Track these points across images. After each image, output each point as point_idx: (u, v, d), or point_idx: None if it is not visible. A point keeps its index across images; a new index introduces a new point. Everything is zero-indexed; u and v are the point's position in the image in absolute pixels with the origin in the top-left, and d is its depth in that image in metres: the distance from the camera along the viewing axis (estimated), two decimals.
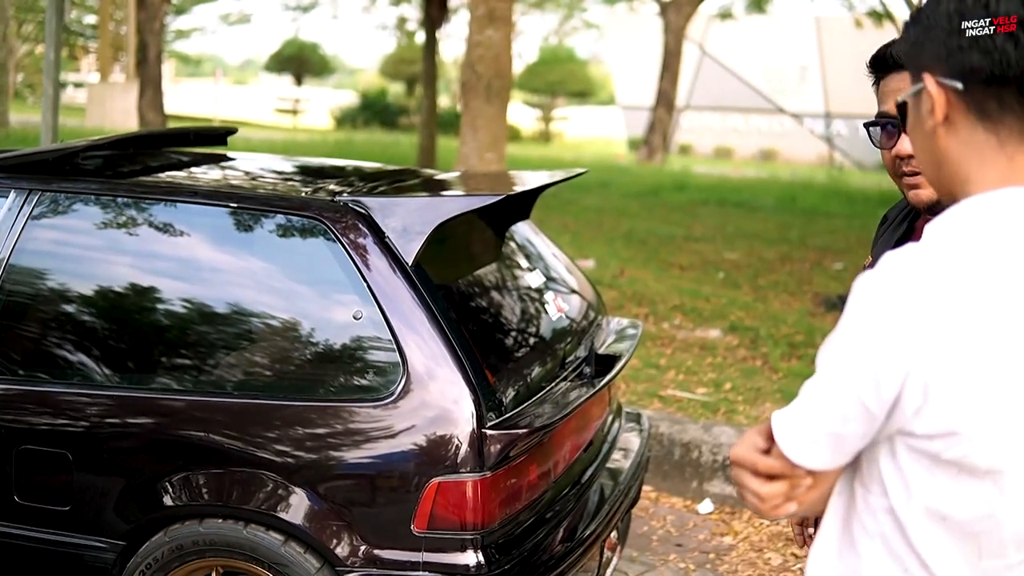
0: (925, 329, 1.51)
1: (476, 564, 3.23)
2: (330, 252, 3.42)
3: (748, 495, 1.70)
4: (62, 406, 3.54)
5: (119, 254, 3.65)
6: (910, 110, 1.76)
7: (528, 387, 3.54)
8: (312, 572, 3.27)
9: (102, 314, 3.60)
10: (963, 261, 1.54)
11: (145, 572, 3.42)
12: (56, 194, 3.74)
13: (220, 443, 3.36)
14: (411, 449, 3.24)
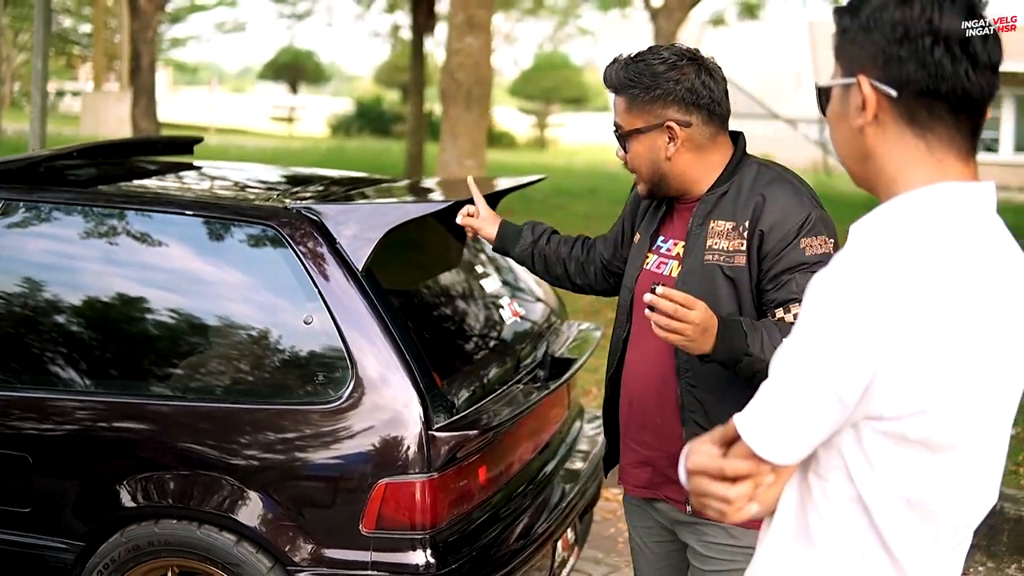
0: (891, 319, 1.58)
1: (425, 564, 3.30)
2: (282, 258, 3.50)
3: (713, 502, 1.72)
4: (22, 410, 3.61)
5: (75, 261, 3.74)
6: (835, 99, 1.80)
7: (479, 390, 3.61)
8: (264, 572, 3.34)
9: (58, 320, 3.67)
10: (915, 254, 1.63)
11: (103, 572, 3.50)
12: (14, 202, 3.82)
13: (174, 446, 3.44)
14: (359, 451, 3.32)
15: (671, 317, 2.55)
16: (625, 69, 2.92)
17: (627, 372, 3.11)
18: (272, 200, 3.81)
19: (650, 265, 3.06)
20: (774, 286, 2.80)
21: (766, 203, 2.82)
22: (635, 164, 2.99)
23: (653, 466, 3.06)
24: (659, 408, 2.99)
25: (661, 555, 3.22)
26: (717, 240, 2.87)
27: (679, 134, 2.90)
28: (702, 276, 2.87)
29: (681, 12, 24.67)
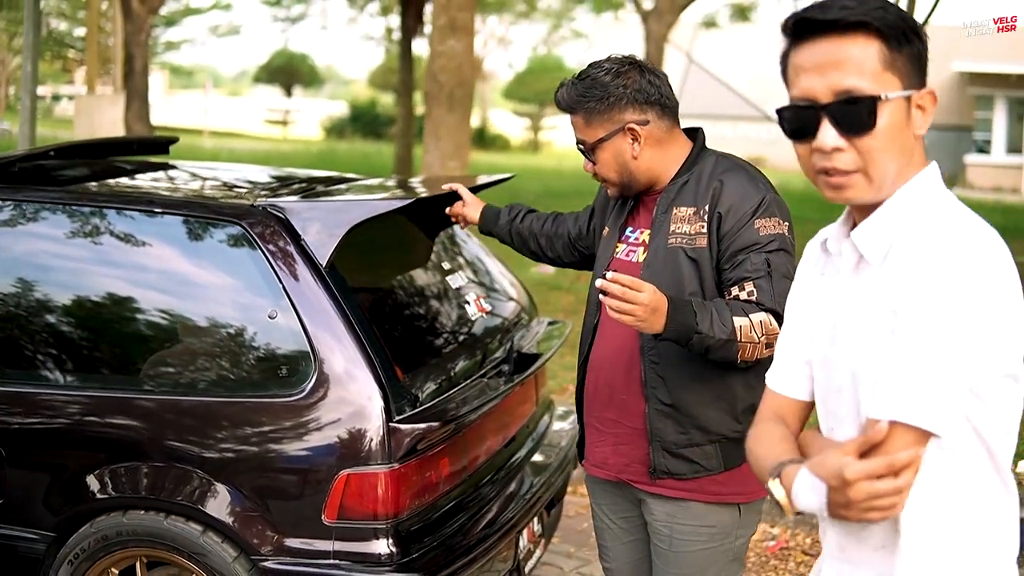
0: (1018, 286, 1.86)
1: (387, 553, 3.37)
2: (247, 254, 3.58)
3: (884, 500, 1.79)
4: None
5: (47, 259, 3.81)
6: (895, 110, 1.93)
7: (442, 383, 3.69)
8: (228, 561, 3.42)
9: (29, 316, 3.74)
10: (989, 232, 1.90)
11: (73, 562, 3.58)
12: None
13: (141, 438, 3.52)
14: (321, 443, 3.39)
15: (621, 299, 2.73)
16: (575, 87, 3.14)
17: (595, 356, 3.27)
18: (239, 198, 3.89)
19: (619, 254, 3.26)
20: (730, 265, 3.00)
21: (723, 187, 3.04)
22: (604, 171, 3.19)
23: (615, 444, 3.23)
24: (626, 385, 3.16)
25: (628, 530, 3.37)
26: (680, 225, 3.08)
27: (640, 133, 3.11)
28: (665, 259, 3.08)
29: (672, 15, 24.76)
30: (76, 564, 3.58)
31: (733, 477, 3.13)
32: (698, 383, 3.08)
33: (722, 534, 3.17)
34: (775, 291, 2.94)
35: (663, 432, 3.11)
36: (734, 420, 3.10)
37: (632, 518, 3.35)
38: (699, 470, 3.11)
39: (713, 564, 3.19)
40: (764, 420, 2.22)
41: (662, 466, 3.12)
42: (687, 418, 3.09)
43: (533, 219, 3.75)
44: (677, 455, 3.11)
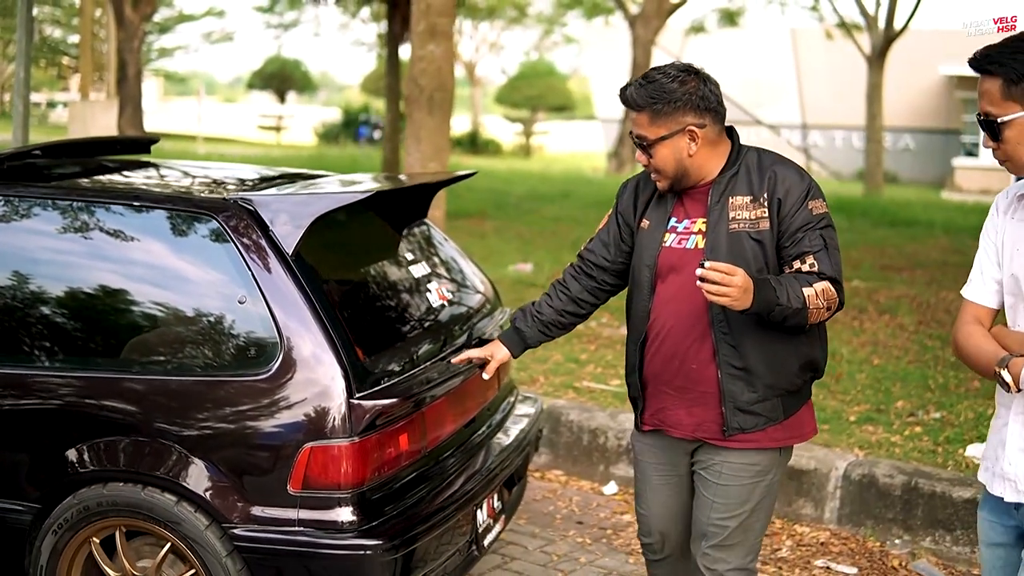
0: None
1: (348, 520, 3.63)
2: (219, 244, 3.84)
3: None
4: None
5: (34, 249, 4.07)
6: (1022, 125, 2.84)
7: (401, 365, 3.95)
8: (201, 529, 3.68)
9: (15, 302, 4.00)
10: None
11: (57, 531, 3.84)
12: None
13: (120, 415, 3.78)
14: (287, 418, 3.66)
15: (720, 284, 3.19)
16: (644, 89, 3.53)
17: (657, 335, 3.66)
18: (213, 193, 4.15)
19: (669, 243, 3.65)
20: (791, 243, 3.48)
21: (777, 177, 3.53)
22: (661, 165, 3.58)
23: (688, 407, 3.65)
24: (696, 356, 3.58)
25: (666, 490, 3.84)
26: (739, 212, 3.52)
27: (698, 134, 3.53)
28: (729, 242, 3.51)
29: (659, 19, 25.00)
30: (60, 534, 3.84)
31: (787, 425, 3.64)
32: (763, 348, 3.52)
33: (764, 471, 3.66)
34: (831, 262, 3.49)
35: (735, 393, 3.55)
36: (794, 376, 3.59)
37: (674, 471, 3.81)
38: (766, 422, 3.59)
39: (753, 497, 3.66)
40: (967, 323, 3.06)
41: (735, 423, 3.58)
42: (756, 378, 3.54)
43: (545, 304, 3.93)
44: (748, 411, 3.56)
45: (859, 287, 10.91)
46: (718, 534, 3.67)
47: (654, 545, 3.94)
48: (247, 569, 3.69)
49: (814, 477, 5.69)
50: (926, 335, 8.75)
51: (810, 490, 5.69)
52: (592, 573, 5.15)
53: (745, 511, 3.66)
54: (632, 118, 3.60)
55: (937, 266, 12.47)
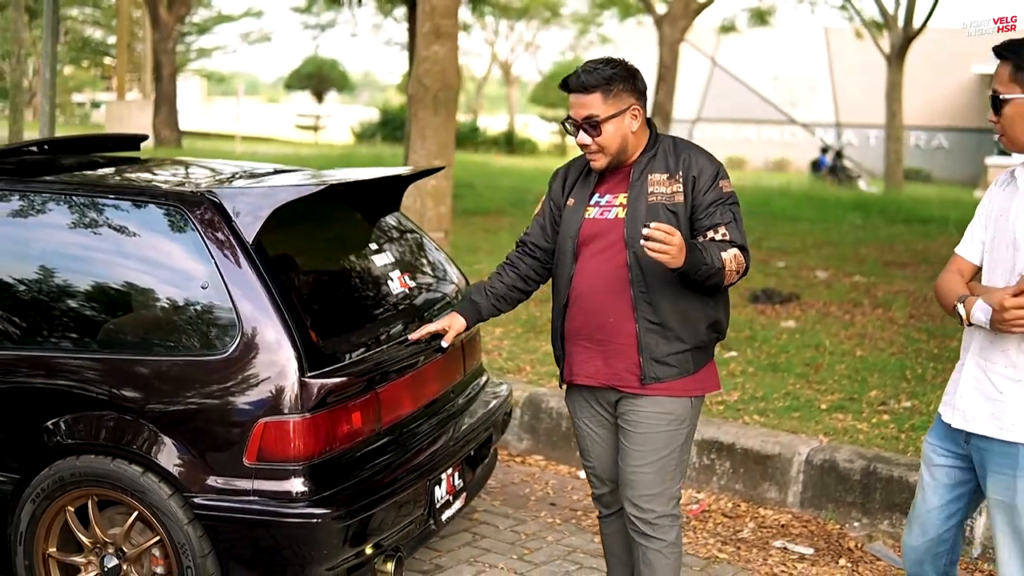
0: None
1: (299, 491, 3.91)
2: (186, 233, 4.12)
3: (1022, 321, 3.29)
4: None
5: (16, 238, 4.38)
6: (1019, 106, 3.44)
7: (355, 348, 4.21)
8: (165, 498, 3.96)
9: (1, 287, 4.30)
10: None
11: (35, 500, 4.14)
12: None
13: (93, 392, 4.07)
14: (243, 395, 3.94)
15: (663, 243, 3.64)
16: (594, 75, 3.99)
17: (579, 295, 4.09)
18: (182, 186, 4.43)
19: (592, 215, 4.09)
20: (704, 215, 3.97)
21: (691, 159, 4.03)
22: (607, 142, 4.01)
23: (606, 358, 4.06)
24: (616, 312, 4.01)
25: (603, 434, 4.23)
26: (656, 187, 4.01)
27: (639, 115, 4.05)
28: (648, 212, 3.96)
29: (686, 19, 25.06)
30: (38, 502, 4.13)
31: (696, 377, 4.09)
32: (676, 306, 3.98)
33: (679, 420, 4.09)
34: (739, 232, 4.00)
35: (652, 345, 3.99)
36: (702, 333, 4.06)
37: (606, 421, 4.20)
38: (679, 373, 4.03)
39: (670, 444, 4.09)
40: (949, 271, 3.69)
41: (651, 372, 4.00)
42: (670, 332, 3.99)
43: (496, 280, 4.35)
44: (662, 362, 4.00)
45: (859, 282, 11.08)
46: (640, 482, 4.08)
47: (605, 497, 4.35)
48: (207, 536, 3.97)
49: (778, 462, 5.91)
50: (915, 328, 8.91)
51: (774, 474, 5.91)
52: (557, 551, 5.39)
53: (662, 457, 4.07)
54: (579, 102, 4.01)
55: (942, 261, 12.50)
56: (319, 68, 54.13)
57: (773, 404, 6.62)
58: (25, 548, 4.20)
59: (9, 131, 25.90)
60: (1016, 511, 3.47)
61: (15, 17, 21.37)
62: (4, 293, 4.30)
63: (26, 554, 4.20)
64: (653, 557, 4.12)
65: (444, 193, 10.47)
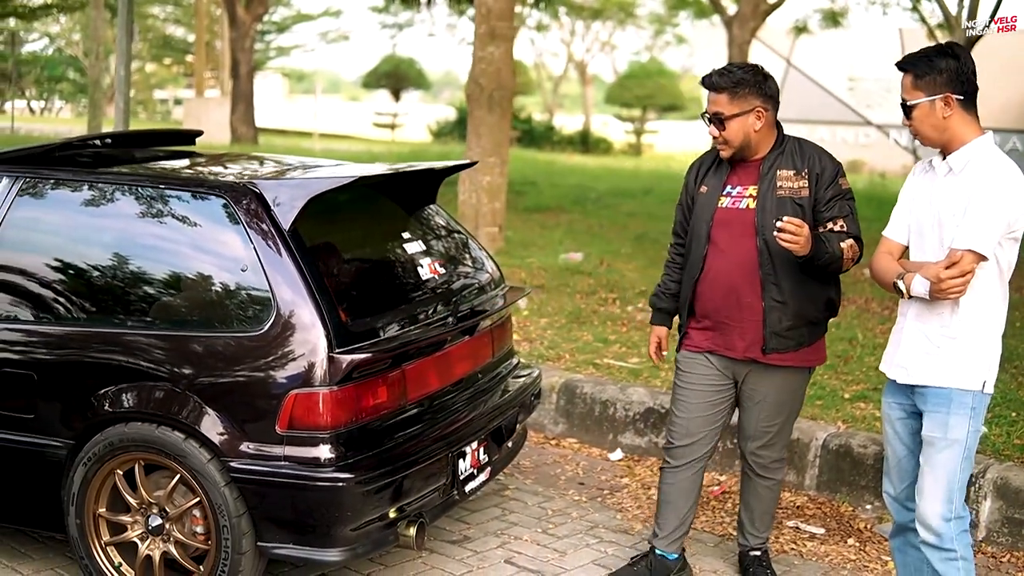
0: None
1: (326, 457, 4.25)
2: (228, 220, 4.49)
3: (956, 290, 3.87)
4: (28, 337, 4.65)
5: (78, 223, 4.80)
6: (924, 108, 4.02)
7: (382, 328, 4.55)
8: (204, 462, 4.32)
9: (61, 268, 4.69)
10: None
11: (87, 464, 4.52)
12: (34, 179, 4.88)
13: (140, 365, 4.44)
14: (276, 369, 4.29)
15: (795, 234, 4.26)
16: (725, 77, 4.63)
17: (713, 273, 4.75)
18: (229, 178, 4.79)
19: (724, 204, 4.73)
20: (826, 208, 4.58)
21: (816, 157, 4.65)
22: (731, 137, 4.64)
23: (740, 332, 4.73)
24: (748, 288, 4.67)
25: (708, 396, 4.88)
26: (784, 182, 4.60)
27: (763, 116, 4.62)
28: (777, 204, 4.57)
29: (755, 20, 25.14)
30: (89, 466, 4.52)
31: (811, 349, 4.79)
32: (797, 287, 4.62)
33: (793, 388, 4.87)
34: (855, 225, 4.62)
35: (774, 321, 4.65)
36: (818, 311, 4.74)
37: (720, 385, 4.87)
38: (796, 345, 4.71)
39: (786, 407, 4.89)
40: (880, 253, 4.23)
41: (772, 344, 4.67)
42: (790, 310, 4.64)
43: (668, 281, 5.08)
44: (783, 336, 4.66)
45: None
46: (763, 436, 4.90)
47: (680, 450, 4.95)
48: (242, 497, 4.32)
49: (797, 447, 6.16)
50: None
51: (793, 459, 6.17)
52: (580, 526, 5.71)
53: (780, 418, 4.88)
54: (711, 99, 4.65)
55: None
56: (396, 67, 54.67)
57: None
58: (77, 508, 4.58)
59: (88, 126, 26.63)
60: (946, 444, 4.08)
61: (95, 15, 22.09)
62: (67, 274, 4.69)
63: (78, 514, 4.58)
64: (763, 491, 5.01)
65: (499, 189, 10.82)
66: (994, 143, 4.04)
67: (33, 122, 44.70)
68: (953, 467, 4.08)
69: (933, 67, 3.99)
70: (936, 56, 4.00)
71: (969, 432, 4.08)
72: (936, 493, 4.10)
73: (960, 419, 4.06)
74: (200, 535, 4.47)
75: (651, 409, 6.70)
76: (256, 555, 4.38)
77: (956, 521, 4.11)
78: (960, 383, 4.05)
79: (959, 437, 4.07)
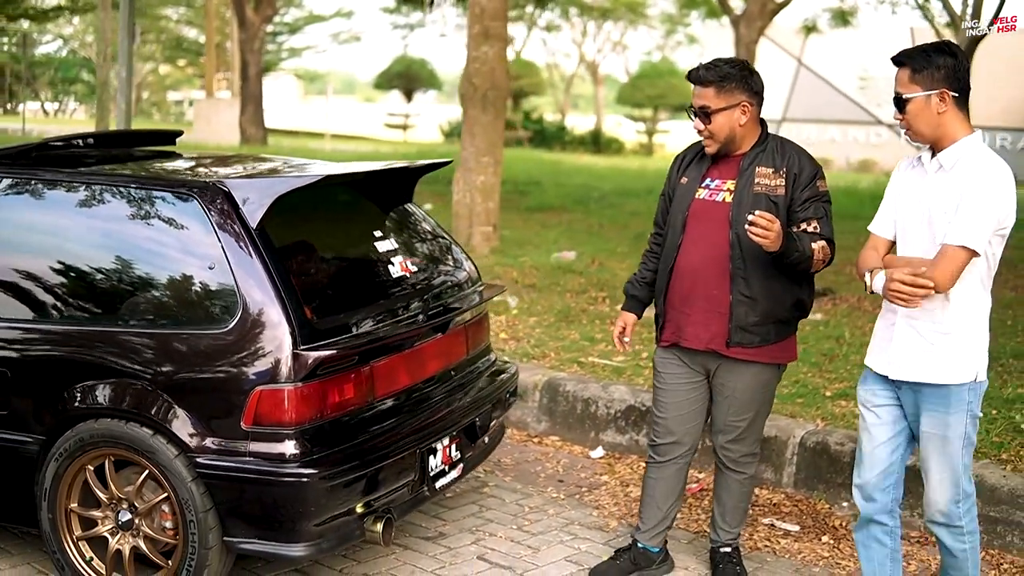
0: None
1: (290, 453, 4.29)
2: (197, 218, 4.53)
3: (901, 299, 3.92)
4: (2, 336, 4.70)
5: (49, 221, 4.85)
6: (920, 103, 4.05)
7: (348, 325, 4.58)
8: (172, 457, 4.37)
9: (32, 266, 4.74)
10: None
11: (59, 459, 4.58)
12: (4, 178, 4.94)
13: (109, 361, 4.49)
14: (242, 365, 4.33)
15: (765, 228, 4.27)
16: (712, 71, 4.68)
17: (685, 264, 4.80)
18: (199, 177, 4.85)
19: (701, 196, 4.78)
20: (801, 208, 4.62)
21: (795, 158, 4.71)
22: (716, 130, 4.69)
23: (705, 324, 4.77)
24: (717, 283, 4.71)
25: (685, 393, 4.96)
26: (761, 179, 4.66)
27: (749, 111, 4.70)
28: (752, 200, 4.63)
29: (762, 20, 25.10)
30: (60, 461, 4.57)
31: (777, 347, 4.80)
32: (766, 284, 4.66)
33: (766, 383, 4.91)
34: (829, 227, 4.65)
35: (740, 315, 4.70)
36: (787, 310, 4.77)
37: (693, 381, 4.94)
38: (761, 341, 4.74)
39: (755, 402, 4.91)
40: (866, 248, 4.29)
41: (736, 338, 4.72)
42: (758, 305, 4.69)
43: (644, 270, 5.14)
44: (747, 330, 4.70)
45: None
46: (733, 431, 4.95)
47: (663, 447, 5.03)
48: (208, 493, 4.37)
49: (774, 444, 6.19)
50: None
51: (770, 456, 6.20)
52: (555, 523, 5.74)
53: (749, 412, 4.91)
54: (697, 93, 4.70)
55: None
56: (408, 67, 54.79)
57: (779, 391, 6.83)
58: (49, 503, 4.64)
59: (96, 128, 26.69)
60: (948, 440, 4.16)
61: (103, 16, 22.18)
62: (38, 272, 4.74)
63: (50, 509, 4.64)
64: (734, 485, 5.06)
65: (493, 189, 10.86)
66: (983, 141, 4.10)
67: (46, 123, 44.96)
68: (956, 457, 4.18)
69: (931, 62, 4.03)
70: (934, 52, 4.05)
71: (968, 423, 4.16)
72: (944, 482, 4.20)
73: (958, 415, 4.14)
74: (169, 530, 4.53)
75: (632, 407, 6.73)
76: (223, 550, 4.43)
77: (964, 500, 4.23)
78: (956, 378, 4.11)
79: (959, 431, 4.16)
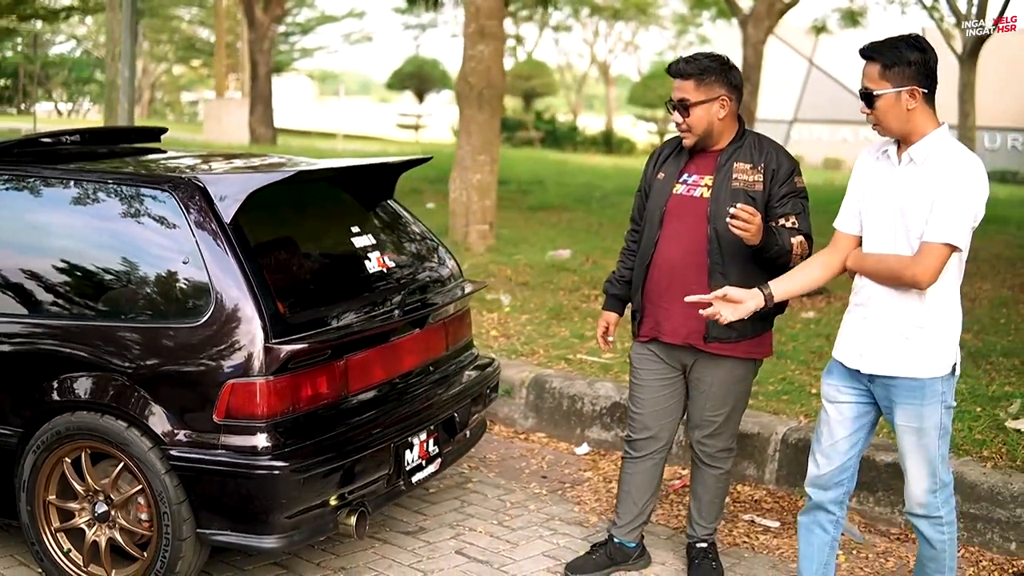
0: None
1: (262, 445, 4.34)
2: (172, 213, 4.58)
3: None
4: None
5: (25, 216, 4.90)
6: (890, 99, 3.99)
7: (321, 320, 4.63)
8: (146, 450, 4.42)
9: (9, 260, 4.80)
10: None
11: (36, 451, 4.63)
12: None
13: (85, 355, 4.55)
14: (214, 359, 4.38)
15: (747, 221, 4.33)
16: (692, 64, 4.70)
17: (663, 259, 4.82)
18: (174, 172, 4.89)
19: (679, 191, 4.81)
20: (779, 204, 4.68)
21: (773, 154, 4.74)
22: (695, 123, 4.71)
23: (684, 319, 4.75)
24: (695, 275, 4.71)
25: (660, 388, 5.00)
26: (740, 174, 4.70)
27: (728, 105, 4.71)
28: (730, 195, 4.66)
29: (770, 20, 25.06)
30: (38, 453, 4.63)
31: (754, 342, 4.84)
32: (744, 279, 4.56)
33: (742, 378, 4.94)
34: (807, 223, 4.71)
35: None
36: None
37: (669, 377, 4.97)
38: (738, 336, 4.75)
39: (731, 396, 4.94)
40: (829, 245, 4.30)
41: (714, 333, 4.73)
42: None
43: (623, 268, 5.17)
44: (726, 326, 4.55)
45: None
46: (709, 426, 4.96)
47: (640, 443, 5.08)
48: (181, 485, 4.42)
49: (757, 441, 6.22)
50: None
51: (753, 452, 6.22)
52: (536, 518, 5.78)
53: (725, 407, 4.94)
54: (677, 86, 4.73)
55: (988, 260, 12.53)
56: (420, 68, 54.86)
57: (765, 388, 6.90)
58: (28, 495, 4.70)
59: None
60: (923, 432, 4.16)
61: (111, 16, 22.23)
62: (14, 266, 4.79)
63: (28, 500, 4.70)
64: (710, 480, 5.08)
65: (489, 187, 10.90)
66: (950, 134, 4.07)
67: (58, 123, 45.07)
68: (932, 448, 4.18)
69: (902, 58, 3.97)
70: (905, 47, 3.99)
71: (942, 413, 4.17)
72: (920, 474, 4.21)
73: (933, 406, 4.14)
74: (145, 522, 4.57)
75: (618, 404, 6.76)
76: (196, 541, 4.47)
77: (942, 490, 4.24)
78: (932, 372, 4.11)
79: (934, 422, 4.15)
